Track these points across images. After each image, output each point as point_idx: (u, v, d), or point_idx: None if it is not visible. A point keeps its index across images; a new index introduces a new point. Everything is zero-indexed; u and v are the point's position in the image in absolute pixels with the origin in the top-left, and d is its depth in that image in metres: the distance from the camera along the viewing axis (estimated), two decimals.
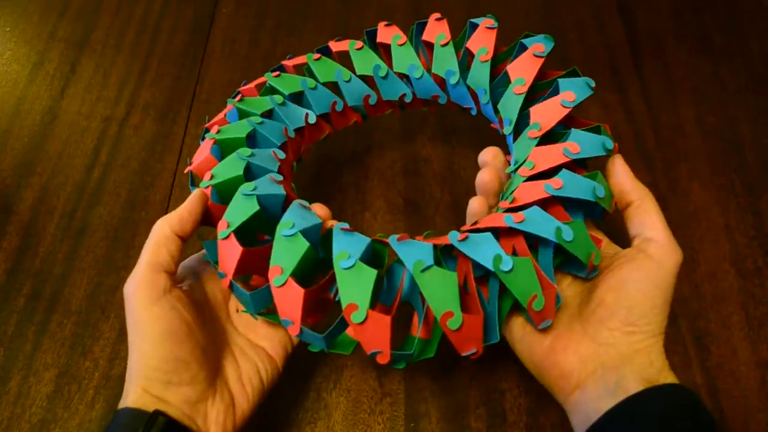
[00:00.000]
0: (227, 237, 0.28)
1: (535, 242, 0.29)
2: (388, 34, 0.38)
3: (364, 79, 0.38)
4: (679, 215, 0.43)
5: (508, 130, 0.33)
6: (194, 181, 0.33)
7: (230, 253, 0.28)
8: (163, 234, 0.29)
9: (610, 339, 0.27)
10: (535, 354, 0.30)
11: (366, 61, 0.38)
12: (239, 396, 0.30)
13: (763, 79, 0.49)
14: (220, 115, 0.36)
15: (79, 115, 0.49)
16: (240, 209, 0.29)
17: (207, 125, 0.36)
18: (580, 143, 0.30)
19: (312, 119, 0.37)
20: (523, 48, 0.35)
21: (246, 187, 0.29)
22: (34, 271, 0.41)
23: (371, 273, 0.26)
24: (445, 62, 0.37)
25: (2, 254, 0.42)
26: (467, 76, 0.36)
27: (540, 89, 0.34)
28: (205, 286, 0.32)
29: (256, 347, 0.32)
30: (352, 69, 0.38)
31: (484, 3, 0.55)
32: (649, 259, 0.28)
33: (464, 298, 0.28)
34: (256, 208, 0.28)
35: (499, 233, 0.29)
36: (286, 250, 0.27)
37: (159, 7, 0.56)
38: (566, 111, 0.31)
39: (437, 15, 0.38)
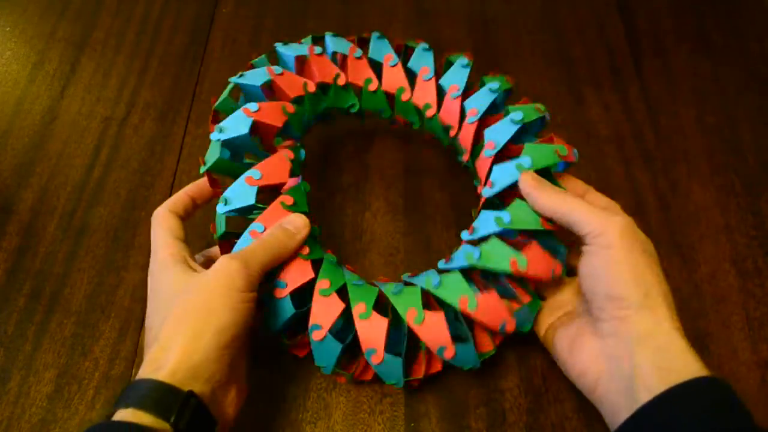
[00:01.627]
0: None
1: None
2: (381, 52, 0.41)
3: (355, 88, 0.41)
4: (679, 215, 0.43)
5: (491, 153, 0.36)
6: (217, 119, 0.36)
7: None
8: (284, 251, 0.32)
9: (610, 329, 0.29)
10: (560, 356, 0.32)
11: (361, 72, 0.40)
12: (241, 382, 0.31)
13: (763, 79, 0.50)
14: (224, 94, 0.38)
15: (79, 115, 0.49)
16: (211, 154, 0.34)
17: (215, 105, 0.38)
18: (532, 158, 0.34)
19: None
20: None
21: (215, 131, 0.34)
22: (34, 271, 0.41)
23: (375, 289, 0.32)
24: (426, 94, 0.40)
25: (2, 254, 0.42)
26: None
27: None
28: None
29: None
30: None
31: (485, 3, 0.55)
32: (594, 246, 0.30)
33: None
34: (218, 154, 0.33)
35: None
36: (335, 272, 0.33)
37: (159, 7, 0.56)
38: (557, 161, 0.34)
39: (391, 59, 0.40)
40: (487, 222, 0.33)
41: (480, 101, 0.37)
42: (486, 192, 0.34)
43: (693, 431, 0.24)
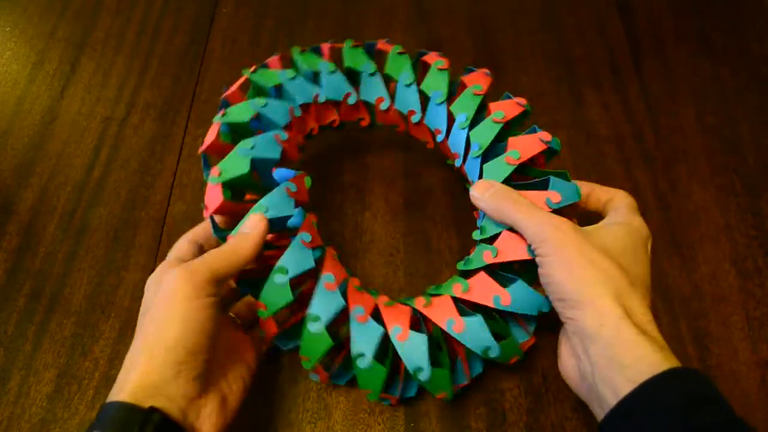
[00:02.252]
0: (215, 185, 0.32)
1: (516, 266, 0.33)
2: (387, 45, 0.41)
3: (351, 76, 0.40)
4: (679, 215, 0.43)
5: (477, 153, 0.35)
6: (208, 161, 0.36)
7: (212, 196, 0.33)
8: (239, 257, 0.30)
9: (570, 330, 0.29)
10: (558, 362, 0.32)
11: (358, 57, 0.40)
12: (229, 395, 0.30)
13: (763, 79, 0.49)
14: (234, 87, 0.39)
15: (79, 115, 0.49)
16: (234, 165, 0.33)
17: (224, 95, 0.39)
18: (560, 192, 0.32)
19: (321, 99, 0.39)
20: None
21: (244, 144, 0.33)
22: (34, 271, 0.41)
23: (382, 370, 0.31)
24: (438, 84, 0.39)
25: (2, 254, 0.42)
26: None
27: (529, 173, 0.35)
28: None
29: (235, 351, 0.33)
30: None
31: (485, 3, 0.55)
32: (538, 256, 0.30)
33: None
34: (246, 169, 0.32)
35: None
36: (314, 343, 0.31)
37: (159, 7, 0.56)
38: (543, 147, 0.34)
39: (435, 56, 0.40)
40: (485, 292, 0.32)
41: (466, 106, 0.37)
42: (476, 236, 0.34)
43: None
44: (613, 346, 0.26)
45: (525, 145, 0.34)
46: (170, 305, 0.28)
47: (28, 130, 0.48)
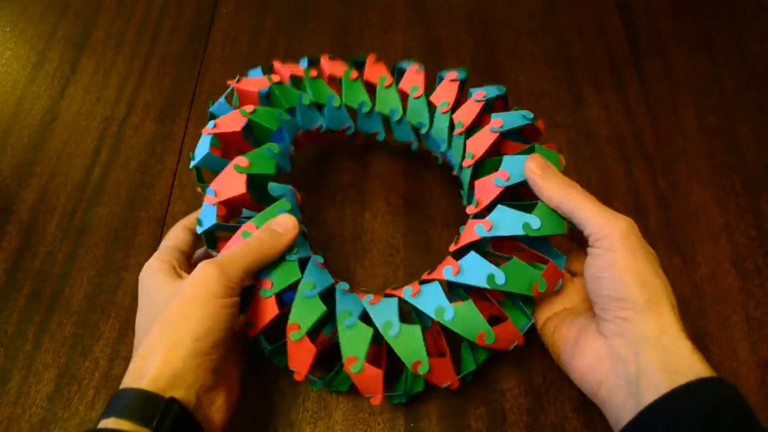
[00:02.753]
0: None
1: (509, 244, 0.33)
2: (376, 72, 0.41)
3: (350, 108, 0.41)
4: (679, 215, 0.43)
5: (470, 163, 0.35)
6: (201, 177, 0.36)
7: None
8: (268, 254, 0.31)
9: (615, 329, 0.29)
10: (562, 356, 0.32)
11: (356, 94, 0.40)
12: (232, 386, 0.31)
13: (763, 79, 0.49)
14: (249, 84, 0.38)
15: (79, 115, 0.49)
16: (309, 312, 0.31)
17: (234, 84, 0.39)
18: (510, 171, 0.33)
19: (323, 128, 0.40)
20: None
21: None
22: (34, 271, 0.41)
23: (368, 330, 0.31)
24: (418, 112, 0.39)
25: (2, 254, 0.42)
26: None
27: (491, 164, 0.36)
28: None
29: (233, 341, 0.33)
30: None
31: (485, 3, 0.55)
32: (598, 248, 0.30)
33: (434, 340, 0.33)
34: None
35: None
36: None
37: (159, 7, 0.56)
38: (495, 136, 0.34)
39: (416, 66, 0.40)
40: (477, 272, 0.31)
41: (508, 118, 0.35)
42: (480, 232, 0.32)
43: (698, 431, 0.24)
44: (670, 353, 0.27)
45: (515, 168, 0.33)
46: (202, 300, 0.28)
47: (28, 130, 0.48)
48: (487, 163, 0.35)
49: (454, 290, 0.33)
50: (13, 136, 0.48)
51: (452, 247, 0.34)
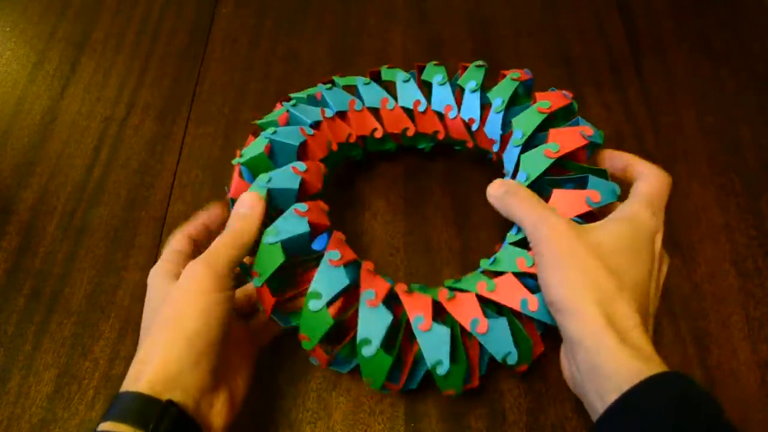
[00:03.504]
0: (261, 286, 0.30)
1: None
2: (393, 74, 0.40)
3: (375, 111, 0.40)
4: (679, 215, 0.43)
5: (518, 141, 0.35)
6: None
7: (264, 298, 0.31)
8: (246, 240, 0.31)
9: (562, 332, 0.28)
10: (561, 363, 0.31)
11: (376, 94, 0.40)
12: (235, 389, 0.31)
13: (763, 79, 0.49)
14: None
15: (79, 115, 0.49)
16: (268, 260, 0.31)
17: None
18: (600, 191, 0.32)
19: (358, 106, 0.38)
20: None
21: (269, 233, 0.31)
22: (34, 271, 0.42)
23: (387, 359, 0.30)
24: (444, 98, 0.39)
25: (2, 254, 0.42)
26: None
27: (568, 166, 0.34)
28: None
29: (239, 342, 0.33)
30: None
31: (485, 3, 0.55)
32: (534, 255, 0.30)
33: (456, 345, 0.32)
34: (282, 259, 0.30)
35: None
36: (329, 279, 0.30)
37: (159, 7, 0.56)
38: (584, 142, 0.33)
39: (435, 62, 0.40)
40: (508, 259, 0.31)
41: (503, 92, 0.36)
42: (510, 238, 0.33)
43: None
44: (597, 354, 0.25)
45: (565, 138, 0.33)
46: (193, 298, 0.28)
47: (28, 130, 0.48)
48: (533, 142, 0.35)
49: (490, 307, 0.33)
50: (13, 136, 0.48)
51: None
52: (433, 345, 0.30)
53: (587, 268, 0.27)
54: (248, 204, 0.31)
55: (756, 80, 0.49)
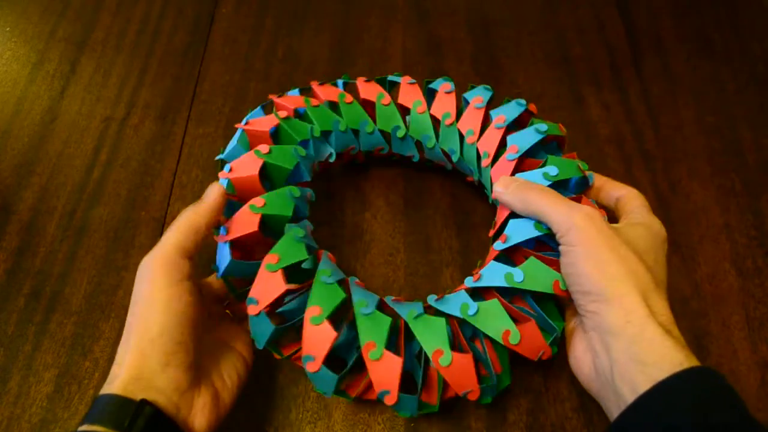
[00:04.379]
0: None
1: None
2: (372, 91, 0.40)
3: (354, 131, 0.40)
4: (679, 215, 0.43)
5: (487, 162, 0.36)
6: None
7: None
8: (195, 222, 0.30)
9: (589, 324, 0.29)
10: (567, 353, 0.32)
11: (356, 114, 0.40)
12: (222, 390, 0.30)
13: (763, 79, 0.50)
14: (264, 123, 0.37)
15: (79, 115, 0.49)
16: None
17: (243, 127, 0.37)
18: (518, 144, 0.34)
19: (332, 158, 0.39)
20: (466, 102, 0.39)
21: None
22: (34, 271, 0.41)
23: (386, 319, 0.30)
24: (422, 127, 0.39)
25: (2, 254, 0.42)
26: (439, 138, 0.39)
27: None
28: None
29: (229, 346, 0.33)
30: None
31: (485, 3, 0.55)
32: (563, 245, 0.30)
33: (457, 342, 0.32)
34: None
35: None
36: (374, 326, 0.30)
37: (159, 7, 0.56)
38: (502, 131, 0.35)
39: (409, 79, 0.40)
40: (495, 274, 0.31)
41: (524, 140, 0.36)
42: (498, 246, 0.33)
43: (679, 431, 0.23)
44: (638, 343, 0.25)
45: (564, 167, 0.33)
46: (150, 295, 0.28)
47: (28, 130, 0.48)
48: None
49: (480, 298, 0.33)
50: (13, 136, 0.48)
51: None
52: (403, 407, 0.30)
53: (628, 261, 0.28)
54: (208, 193, 0.32)
55: (756, 80, 0.49)
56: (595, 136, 0.47)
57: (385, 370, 0.29)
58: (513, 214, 0.33)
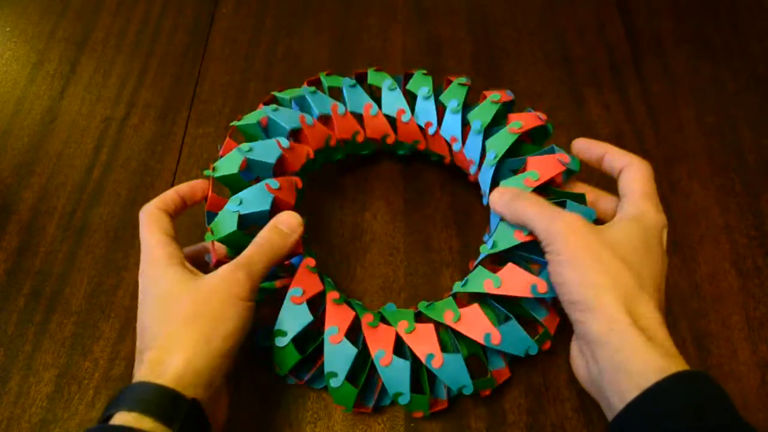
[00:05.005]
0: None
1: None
2: (380, 79, 0.40)
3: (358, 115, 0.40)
4: (679, 215, 0.43)
5: (492, 162, 0.35)
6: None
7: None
8: (282, 255, 0.32)
9: (578, 332, 0.29)
10: (570, 359, 0.31)
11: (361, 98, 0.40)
12: (229, 388, 0.31)
13: (763, 79, 0.50)
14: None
15: (79, 115, 0.49)
16: (225, 225, 0.32)
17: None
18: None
19: (341, 110, 0.39)
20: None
21: (232, 202, 0.32)
22: (34, 271, 0.41)
23: (353, 391, 0.32)
24: (426, 113, 0.39)
25: (2, 254, 0.42)
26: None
27: (547, 190, 0.35)
28: None
29: None
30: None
31: (485, 3, 0.55)
32: (547, 255, 0.30)
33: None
34: (234, 227, 0.32)
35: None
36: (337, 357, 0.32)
37: (159, 7, 0.56)
38: (562, 169, 0.33)
39: (423, 70, 0.40)
40: (476, 281, 0.32)
41: (483, 114, 0.36)
42: (484, 250, 0.33)
43: None
44: (621, 351, 0.25)
45: (544, 166, 0.33)
46: (231, 302, 0.29)
47: (28, 130, 0.48)
48: (507, 163, 0.36)
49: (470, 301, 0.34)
50: (13, 136, 0.48)
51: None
52: (394, 378, 0.31)
53: (608, 266, 0.27)
54: (290, 225, 0.32)
55: (756, 80, 0.49)
56: (595, 136, 0.46)
57: (343, 395, 0.32)
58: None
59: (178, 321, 0.28)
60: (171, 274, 0.30)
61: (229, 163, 0.34)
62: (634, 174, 0.32)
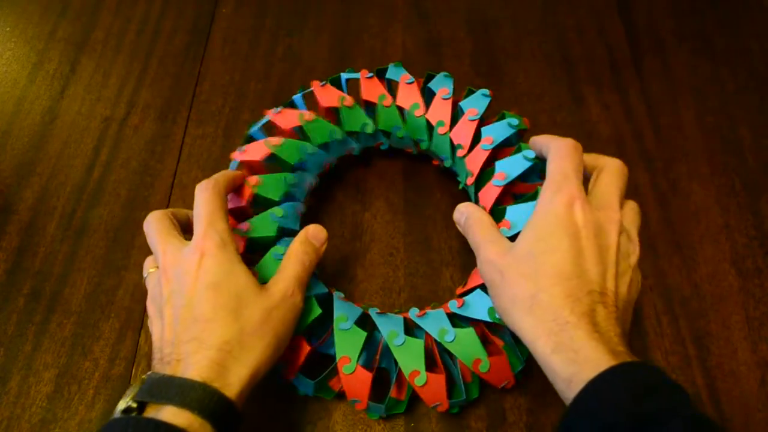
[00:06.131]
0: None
1: None
2: (374, 92, 0.41)
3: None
4: (679, 215, 0.43)
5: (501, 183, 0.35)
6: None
7: (360, 383, 0.33)
8: (314, 266, 0.33)
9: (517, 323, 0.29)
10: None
11: (356, 119, 0.41)
12: None
13: (763, 79, 0.50)
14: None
15: (79, 115, 0.49)
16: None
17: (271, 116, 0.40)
18: (506, 171, 0.35)
19: (355, 151, 0.42)
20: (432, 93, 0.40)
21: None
22: (34, 271, 0.41)
23: (363, 333, 0.32)
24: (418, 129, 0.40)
25: (2, 254, 0.42)
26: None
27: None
28: None
29: None
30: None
31: (485, 3, 0.55)
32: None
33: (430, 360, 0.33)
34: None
35: None
36: (349, 341, 0.32)
37: (159, 7, 0.56)
38: (487, 153, 0.36)
39: (407, 78, 0.40)
40: (479, 306, 0.33)
41: (497, 132, 0.37)
42: (505, 232, 0.33)
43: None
44: (543, 366, 0.27)
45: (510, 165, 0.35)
46: (293, 317, 0.31)
47: (28, 130, 0.48)
48: (486, 175, 0.36)
49: (458, 324, 0.34)
50: (13, 136, 0.48)
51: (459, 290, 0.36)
52: (409, 356, 0.32)
53: (517, 290, 0.28)
54: (320, 239, 0.34)
55: (756, 80, 0.49)
56: (595, 136, 0.47)
57: (356, 383, 0.32)
58: (502, 198, 0.35)
59: (249, 328, 0.28)
60: (244, 274, 0.30)
61: (263, 227, 0.35)
62: (553, 154, 0.31)
